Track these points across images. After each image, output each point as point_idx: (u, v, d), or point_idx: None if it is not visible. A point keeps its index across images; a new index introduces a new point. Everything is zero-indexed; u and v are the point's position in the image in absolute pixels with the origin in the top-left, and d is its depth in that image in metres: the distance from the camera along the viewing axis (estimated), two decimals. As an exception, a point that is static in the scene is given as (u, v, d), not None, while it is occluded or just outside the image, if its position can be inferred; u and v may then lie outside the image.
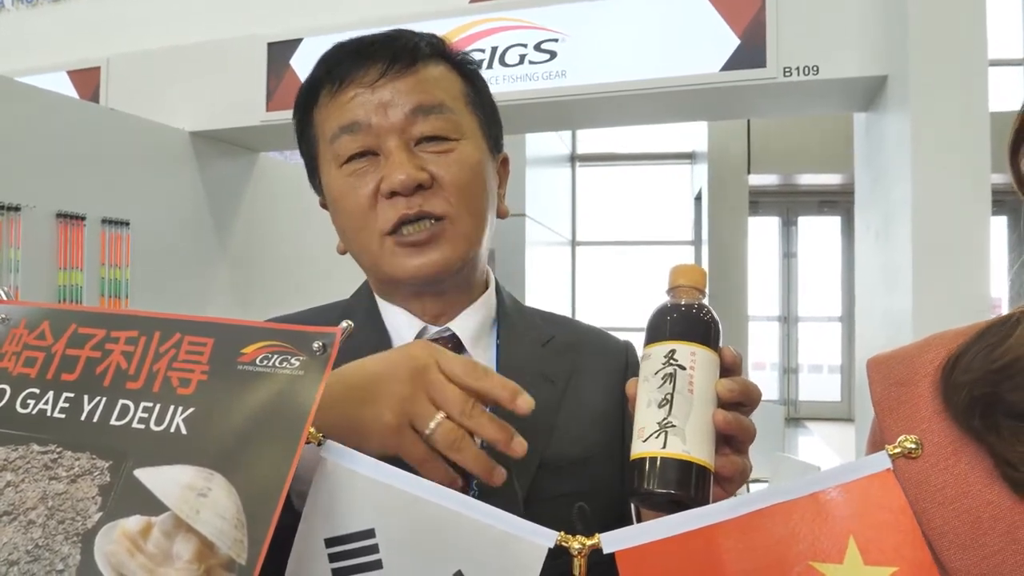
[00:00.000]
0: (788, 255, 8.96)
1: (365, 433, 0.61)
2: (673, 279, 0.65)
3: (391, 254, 0.81)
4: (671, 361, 0.60)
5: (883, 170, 3.12)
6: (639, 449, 0.58)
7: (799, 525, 0.47)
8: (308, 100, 0.86)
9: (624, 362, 0.94)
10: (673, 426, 0.57)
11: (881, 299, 3.13)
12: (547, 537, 0.51)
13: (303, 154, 0.90)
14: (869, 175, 3.41)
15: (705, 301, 0.64)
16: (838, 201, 8.56)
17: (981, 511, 0.57)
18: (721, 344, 0.63)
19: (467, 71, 0.88)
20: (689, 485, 0.56)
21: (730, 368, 0.63)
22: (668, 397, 0.58)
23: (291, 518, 0.55)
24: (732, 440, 0.61)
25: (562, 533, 0.51)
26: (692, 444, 0.57)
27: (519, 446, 0.62)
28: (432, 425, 0.60)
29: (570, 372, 0.89)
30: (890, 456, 0.47)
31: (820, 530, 0.46)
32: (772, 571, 0.47)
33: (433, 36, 0.87)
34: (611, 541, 0.50)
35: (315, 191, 0.91)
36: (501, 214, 0.90)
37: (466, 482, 0.79)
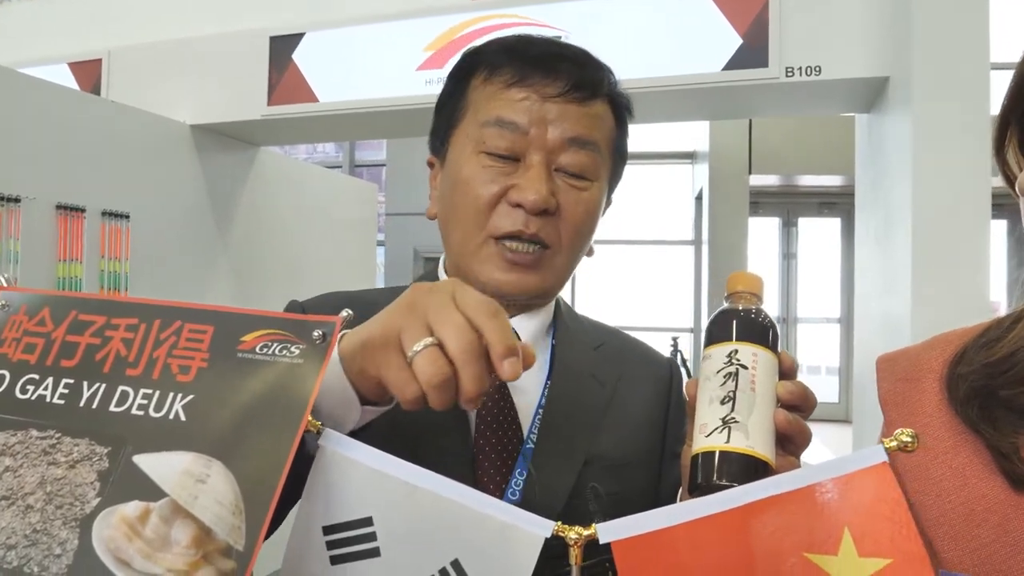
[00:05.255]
0: (788, 256, 8.96)
1: (364, 356, 0.58)
2: (732, 285, 0.66)
3: (487, 259, 0.82)
4: (733, 360, 0.60)
5: (883, 172, 3.13)
6: (701, 444, 0.58)
7: (794, 516, 0.47)
8: (474, 70, 0.86)
9: (668, 374, 0.96)
10: (736, 422, 0.58)
11: (880, 301, 3.13)
12: (544, 527, 0.51)
13: (440, 110, 0.89)
14: (869, 177, 3.41)
15: (763, 306, 0.65)
16: (838, 203, 8.55)
17: (975, 503, 0.58)
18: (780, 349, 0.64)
19: (623, 117, 0.89)
20: (752, 479, 0.55)
21: (787, 372, 0.63)
22: (731, 394, 0.59)
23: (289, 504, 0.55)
24: (788, 442, 0.61)
25: (559, 523, 0.51)
26: (755, 440, 0.57)
27: (511, 366, 0.54)
28: (417, 347, 0.54)
29: (618, 377, 0.91)
30: (886, 449, 0.47)
31: (815, 521, 0.47)
32: (767, 562, 0.47)
33: (611, 73, 0.88)
34: (607, 531, 0.50)
35: (432, 150, 0.91)
36: (588, 254, 0.91)
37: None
